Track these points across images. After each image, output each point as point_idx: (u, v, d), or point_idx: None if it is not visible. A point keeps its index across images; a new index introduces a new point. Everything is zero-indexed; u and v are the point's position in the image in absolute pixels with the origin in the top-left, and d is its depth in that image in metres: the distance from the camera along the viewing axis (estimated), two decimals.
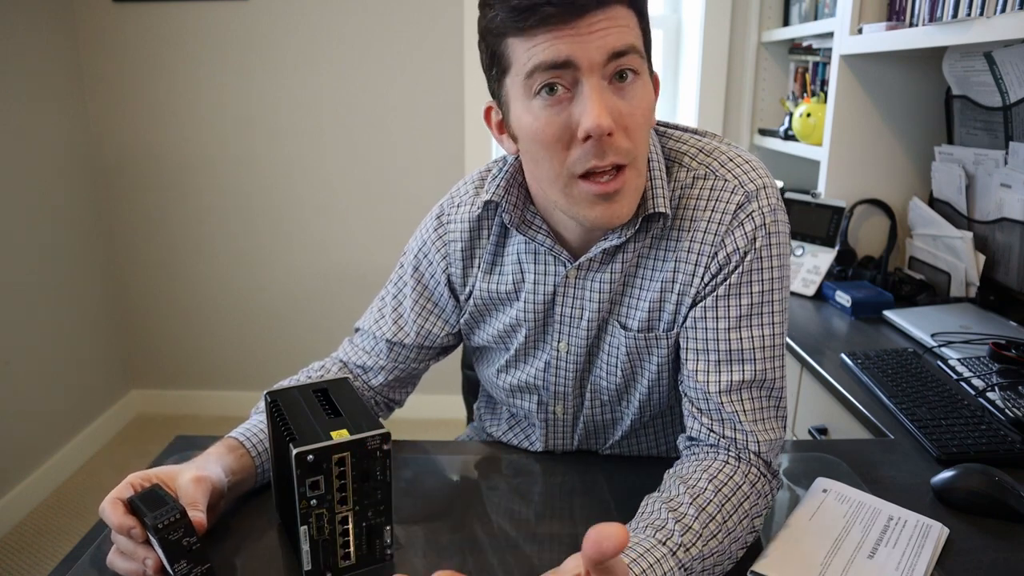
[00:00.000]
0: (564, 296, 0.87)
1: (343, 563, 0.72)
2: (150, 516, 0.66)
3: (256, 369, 2.77)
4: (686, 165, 0.82)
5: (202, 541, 0.68)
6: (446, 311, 0.96)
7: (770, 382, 0.80)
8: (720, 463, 0.77)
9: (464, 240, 0.92)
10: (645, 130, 0.75)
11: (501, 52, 0.74)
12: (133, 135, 2.54)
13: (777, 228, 0.79)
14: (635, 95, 0.72)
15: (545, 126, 0.73)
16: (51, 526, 2.13)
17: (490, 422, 1.07)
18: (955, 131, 1.70)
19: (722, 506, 0.73)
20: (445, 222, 0.93)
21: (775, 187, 0.81)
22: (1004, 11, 1.24)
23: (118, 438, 2.65)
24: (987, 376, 1.19)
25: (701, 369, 0.81)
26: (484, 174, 0.93)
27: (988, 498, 0.84)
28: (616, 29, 0.69)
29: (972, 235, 1.59)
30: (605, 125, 0.69)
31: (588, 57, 0.69)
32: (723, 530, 0.71)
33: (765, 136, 2.34)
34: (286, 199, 2.59)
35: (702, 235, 0.80)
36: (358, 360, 0.99)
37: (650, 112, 0.75)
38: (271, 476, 0.83)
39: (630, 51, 0.71)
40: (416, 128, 2.50)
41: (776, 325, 0.80)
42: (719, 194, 0.79)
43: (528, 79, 0.72)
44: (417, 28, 2.41)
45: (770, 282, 0.79)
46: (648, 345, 0.85)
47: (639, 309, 0.85)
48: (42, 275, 2.31)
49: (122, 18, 2.43)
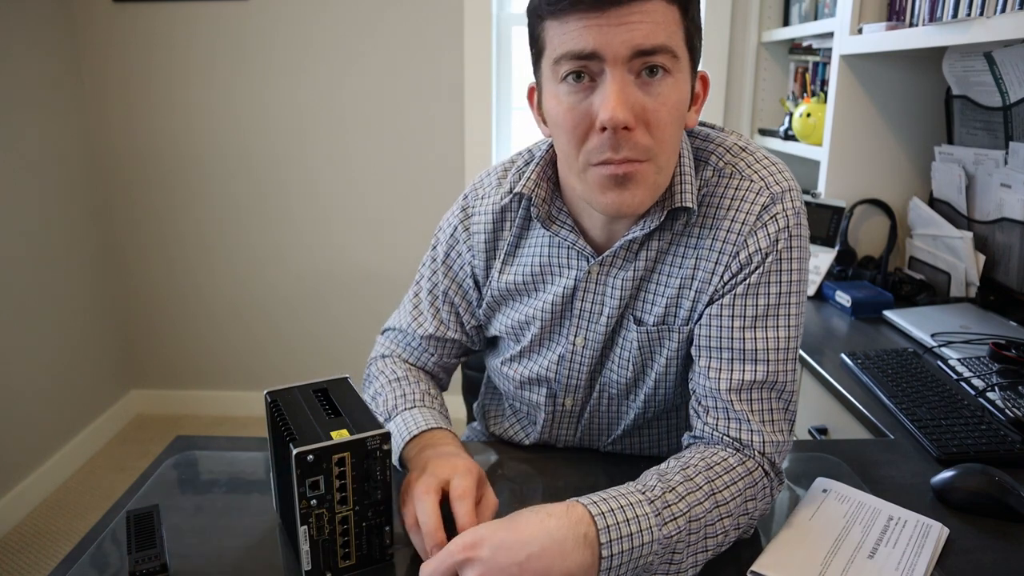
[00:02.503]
0: (585, 291, 0.87)
1: (343, 563, 0.72)
2: (130, 558, 0.69)
3: (256, 369, 2.77)
4: (712, 164, 0.82)
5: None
6: (473, 304, 0.97)
7: (781, 384, 0.80)
8: (722, 455, 0.77)
9: (487, 232, 0.92)
10: (671, 129, 0.73)
11: (538, 34, 0.75)
12: (133, 135, 2.54)
13: (800, 232, 0.80)
14: (662, 92, 0.71)
15: (567, 112, 0.73)
16: (51, 526, 2.13)
17: (493, 416, 1.07)
18: (955, 131, 1.70)
19: (712, 480, 0.72)
20: (471, 214, 0.94)
21: (799, 191, 0.81)
22: (1004, 11, 1.24)
23: (118, 438, 2.65)
24: (987, 376, 1.19)
25: (713, 367, 0.80)
26: (508, 165, 0.94)
27: (988, 498, 0.84)
28: (647, 25, 0.69)
29: (972, 235, 1.59)
30: (620, 118, 0.69)
31: (613, 50, 0.69)
32: (711, 500, 0.71)
33: (765, 136, 2.34)
34: (286, 199, 2.59)
35: (725, 234, 0.80)
36: (406, 356, 1.00)
37: (677, 111, 0.73)
38: (273, 475, 0.83)
39: (660, 50, 0.70)
40: (416, 128, 2.50)
41: (791, 328, 0.80)
42: (744, 194, 0.79)
43: (556, 64, 0.72)
44: (417, 28, 2.41)
45: (788, 284, 0.79)
46: (660, 339, 0.85)
47: (656, 305, 0.85)
48: (42, 275, 2.31)
49: (122, 18, 2.43)
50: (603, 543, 0.64)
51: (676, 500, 0.69)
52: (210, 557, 0.75)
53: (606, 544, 0.64)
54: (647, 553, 0.66)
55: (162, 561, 0.70)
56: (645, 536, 0.66)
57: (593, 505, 0.67)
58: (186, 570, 0.73)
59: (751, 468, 0.76)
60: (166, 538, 0.75)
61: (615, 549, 0.64)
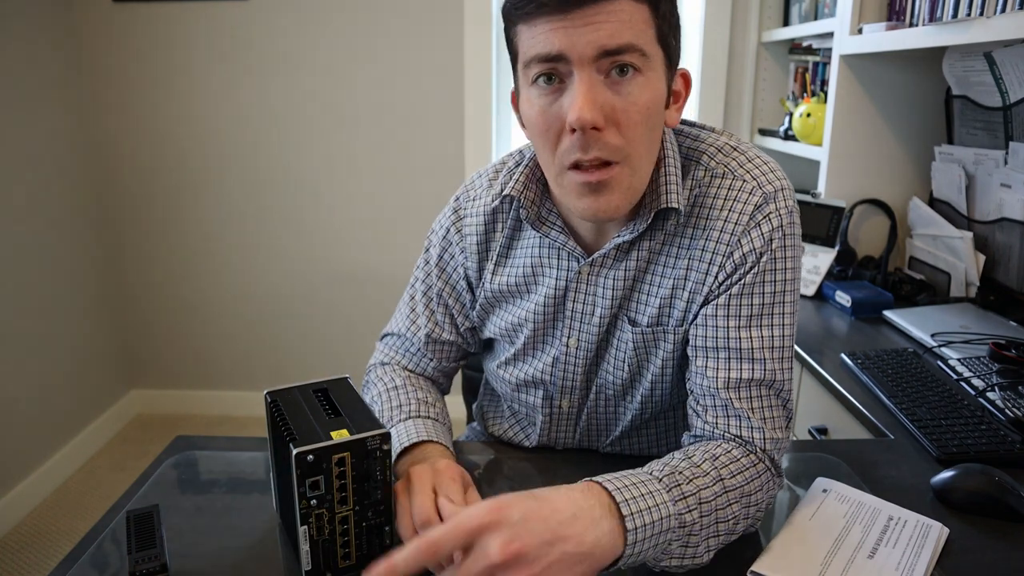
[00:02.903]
0: (576, 292, 0.87)
1: (343, 563, 0.72)
2: (130, 559, 0.69)
3: (256, 369, 2.77)
4: (703, 164, 0.82)
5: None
6: (467, 306, 0.97)
7: (779, 384, 0.80)
8: (725, 447, 0.77)
9: (479, 234, 0.92)
10: (642, 128, 0.73)
11: (512, 39, 0.75)
12: (133, 135, 2.54)
13: (793, 231, 0.80)
14: (632, 92, 0.71)
15: (539, 115, 0.73)
16: (51, 526, 2.13)
17: (491, 417, 1.07)
18: (955, 131, 1.70)
19: (718, 468, 0.72)
20: (463, 215, 0.94)
21: (792, 190, 0.81)
22: (1004, 11, 1.24)
23: (118, 438, 2.65)
24: (987, 376, 1.19)
25: (711, 366, 0.80)
26: (499, 167, 0.94)
27: (988, 498, 0.84)
28: (612, 24, 0.68)
29: (972, 235, 1.59)
30: (588, 119, 0.69)
31: (579, 50, 0.69)
32: (719, 485, 0.71)
33: (765, 136, 2.34)
34: (286, 199, 2.59)
35: (718, 234, 0.80)
36: (405, 362, 1.00)
37: (650, 110, 0.73)
38: (273, 475, 0.83)
39: (626, 49, 0.69)
40: (416, 128, 2.50)
41: (786, 327, 0.80)
42: (737, 194, 0.79)
43: (527, 68, 0.73)
44: (418, 28, 2.41)
45: (783, 283, 0.79)
46: (656, 339, 0.85)
47: (650, 305, 0.85)
48: (42, 275, 2.31)
49: (122, 18, 2.43)
50: (625, 515, 0.64)
51: (684, 482, 0.69)
52: (210, 557, 0.75)
53: (628, 517, 0.64)
54: (665, 529, 0.66)
55: (162, 561, 0.70)
56: (662, 510, 0.66)
57: (608, 483, 0.66)
58: (186, 570, 0.73)
59: (755, 461, 0.76)
60: (166, 538, 0.75)
61: (638, 522, 0.64)
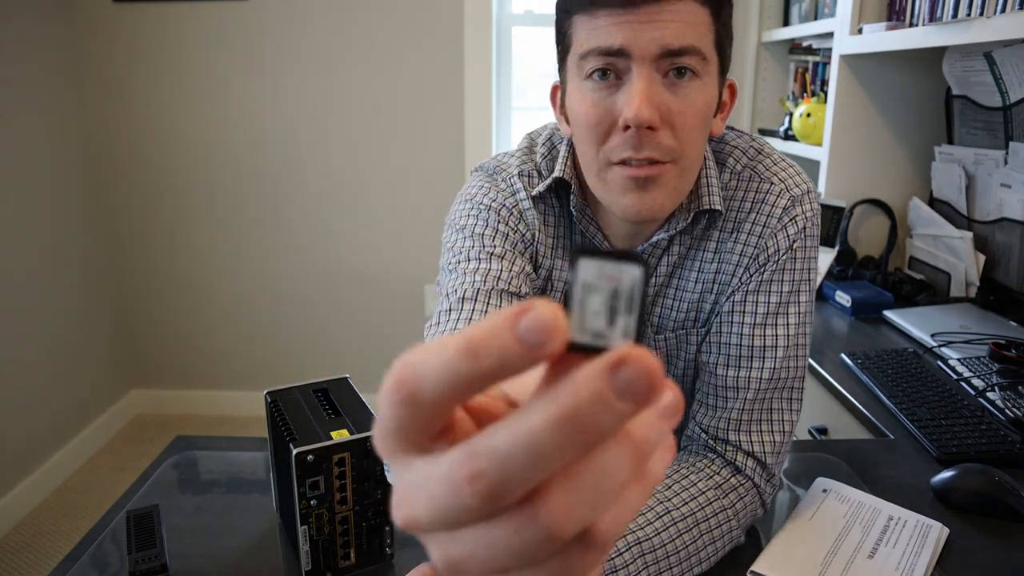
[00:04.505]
0: None
1: (343, 563, 0.72)
2: (130, 558, 0.69)
3: (256, 369, 2.76)
4: (730, 166, 0.82)
5: None
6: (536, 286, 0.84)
7: (789, 380, 0.80)
8: (708, 472, 0.77)
9: (530, 215, 0.82)
10: (696, 132, 0.72)
11: (566, 30, 0.74)
12: (133, 135, 2.54)
13: (814, 232, 0.81)
14: (689, 95, 0.70)
15: (590, 108, 0.71)
16: (51, 526, 2.13)
17: None
18: (955, 131, 1.70)
19: (694, 509, 0.74)
20: (515, 190, 0.82)
21: (816, 193, 0.82)
22: (1004, 11, 1.24)
23: (118, 438, 2.65)
24: (987, 376, 1.19)
25: (721, 363, 0.80)
26: (524, 152, 0.84)
27: (988, 498, 0.84)
28: (677, 24, 0.67)
29: (972, 235, 1.59)
30: (645, 116, 0.67)
31: (641, 47, 0.67)
32: (692, 532, 0.72)
33: (765, 136, 2.34)
34: (285, 199, 2.59)
35: (746, 236, 0.79)
36: None
37: (704, 115, 0.71)
38: (273, 475, 0.83)
39: (688, 51, 0.68)
40: (416, 128, 2.50)
41: (802, 325, 0.80)
42: (766, 196, 0.79)
43: (582, 60, 0.71)
44: (418, 28, 2.41)
45: (800, 283, 0.80)
46: (678, 344, 0.85)
47: (676, 311, 0.84)
48: (42, 275, 2.31)
49: (122, 18, 2.43)
50: None
51: (649, 551, 0.70)
52: (210, 557, 0.75)
53: None
54: None
55: (162, 561, 0.70)
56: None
57: None
58: (186, 570, 0.73)
59: (736, 485, 0.77)
60: (166, 538, 0.75)
61: None
